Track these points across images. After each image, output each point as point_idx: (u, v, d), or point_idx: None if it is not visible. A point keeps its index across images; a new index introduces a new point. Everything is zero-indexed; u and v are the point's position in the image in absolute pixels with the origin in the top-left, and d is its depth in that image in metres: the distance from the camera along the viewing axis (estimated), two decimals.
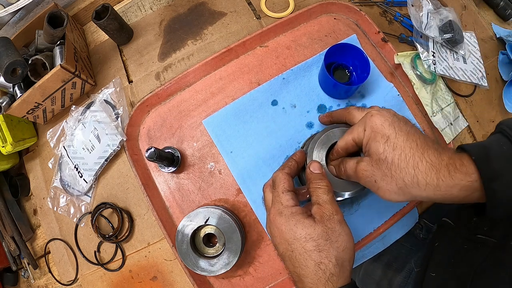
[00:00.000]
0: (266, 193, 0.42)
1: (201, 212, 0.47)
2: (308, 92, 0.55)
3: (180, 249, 0.47)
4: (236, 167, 0.53)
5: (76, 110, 0.60)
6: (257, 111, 0.55)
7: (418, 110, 0.55)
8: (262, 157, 0.53)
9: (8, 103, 0.55)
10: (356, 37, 0.57)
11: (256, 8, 0.62)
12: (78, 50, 0.59)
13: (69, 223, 0.59)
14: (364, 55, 0.49)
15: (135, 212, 0.56)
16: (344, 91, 0.52)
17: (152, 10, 0.65)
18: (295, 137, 0.53)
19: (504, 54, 0.63)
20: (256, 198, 0.52)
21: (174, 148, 0.54)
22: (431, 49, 0.57)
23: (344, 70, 0.54)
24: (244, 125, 0.54)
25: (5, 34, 0.64)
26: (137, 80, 0.61)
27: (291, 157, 0.43)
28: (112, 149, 0.56)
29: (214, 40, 0.61)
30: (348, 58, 0.52)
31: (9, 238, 0.60)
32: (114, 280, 0.56)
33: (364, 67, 0.50)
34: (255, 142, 0.53)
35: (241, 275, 0.50)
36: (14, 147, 0.58)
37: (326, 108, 0.54)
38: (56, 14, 0.53)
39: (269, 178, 0.51)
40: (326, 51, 0.49)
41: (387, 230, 0.50)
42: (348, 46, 0.50)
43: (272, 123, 0.54)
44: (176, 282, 0.53)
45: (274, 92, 0.55)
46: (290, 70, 0.56)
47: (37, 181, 0.63)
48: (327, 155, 0.43)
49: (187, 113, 0.56)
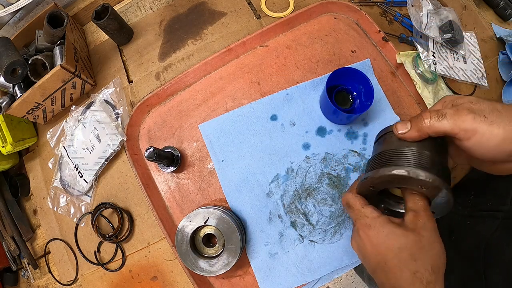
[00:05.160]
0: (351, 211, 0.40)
1: (200, 213, 0.47)
2: (310, 112, 0.54)
3: (180, 249, 0.47)
4: (225, 177, 0.52)
5: (76, 110, 0.60)
6: (255, 123, 0.54)
7: (419, 110, 0.55)
8: (252, 172, 0.52)
9: (8, 103, 0.55)
10: (369, 62, 0.55)
11: (256, 8, 0.62)
12: (78, 50, 0.59)
13: (69, 223, 0.59)
14: (369, 82, 0.47)
15: (135, 212, 0.56)
16: (345, 118, 0.50)
17: (152, 10, 0.65)
18: (289, 155, 0.52)
19: (504, 54, 0.63)
20: (241, 209, 0.51)
21: (174, 148, 0.54)
22: (431, 49, 0.57)
23: (348, 95, 0.52)
24: (239, 136, 0.53)
25: (5, 34, 0.64)
26: (137, 80, 0.61)
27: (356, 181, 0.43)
28: (112, 149, 0.56)
29: (214, 40, 0.61)
30: (353, 83, 0.50)
31: (9, 238, 0.60)
32: (114, 280, 0.56)
33: (368, 95, 0.48)
34: (248, 155, 0.53)
35: (241, 275, 0.50)
36: (14, 147, 0.58)
37: (326, 131, 0.53)
38: (56, 14, 0.53)
39: (255, 193, 0.52)
40: (330, 74, 0.47)
41: None
42: (354, 71, 0.48)
43: (267, 138, 0.53)
44: (176, 282, 0.53)
45: (275, 106, 0.54)
46: (295, 86, 0.54)
47: (37, 181, 0.63)
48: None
49: (187, 113, 0.56)
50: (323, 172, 0.51)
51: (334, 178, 0.51)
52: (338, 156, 0.52)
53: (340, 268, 0.49)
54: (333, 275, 0.49)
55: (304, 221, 0.50)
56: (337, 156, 0.52)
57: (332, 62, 0.56)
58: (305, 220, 0.50)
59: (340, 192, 0.51)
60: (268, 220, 0.51)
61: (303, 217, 0.50)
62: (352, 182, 0.51)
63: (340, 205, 0.50)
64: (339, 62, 0.56)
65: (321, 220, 0.50)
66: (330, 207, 0.50)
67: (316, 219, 0.50)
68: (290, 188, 0.51)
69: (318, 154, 0.52)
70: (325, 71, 0.56)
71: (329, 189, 0.51)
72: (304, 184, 0.51)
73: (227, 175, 0.52)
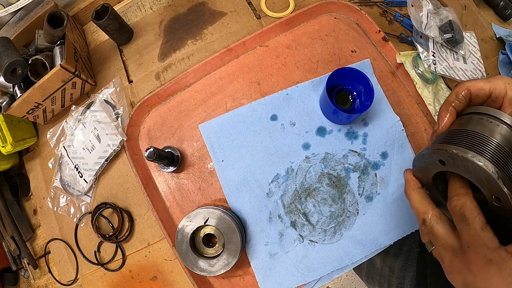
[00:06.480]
0: (435, 227, 0.31)
1: (200, 213, 0.47)
2: (310, 112, 0.53)
3: (180, 249, 0.47)
4: (225, 177, 0.52)
5: (76, 110, 0.60)
6: (255, 123, 0.54)
7: (419, 110, 0.55)
8: (252, 171, 0.52)
9: (8, 103, 0.55)
10: (369, 62, 0.55)
11: (256, 8, 0.62)
12: (78, 50, 0.59)
13: (69, 223, 0.59)
14: (369, 82, 0.47)
15: (135, 212, 0.56)
16: (345, 118, 0.49)
17: (152, 10, 0.66)
18: (289, 156, 0.52)
19: (504, 54, 0.63)
20: (241, 209, 0.51)
21: (174, 148, 0.54)
22: (431, 49, 0.57)
23: (348, 95, 0.52)
24: (239, 136, 0.53)
25: (5, 34, 0.64)
26: (137, 80, 0.61)
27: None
28: (112, 149, 0.56)
29: (214, 40, 0.61)
30: (353, 83, 0.50)
31: (9, 238, 0.60)
32: (114, 280, 0.56)
33: (368, 95, 0.47)
34: (247, 155, 0.53)
35: (241, 275, 0.50)
36: (14, 147, 0.58)
37: (326, 131, 0.53)
38: (56, 14, 0.53)
39: (255, 193, 0.51)
40: (330, 74, 0.47)
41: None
42: (354, 71, 0.48)
43: (267, 138, 0.53)
44: (176, 282, 0.53)
45: (275, 106, 0.54)
46: (295, 86, 0.54)
47: (37, 181, 0.63)
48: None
49: (187, 113, 0.56)
50: (323, 172, 0.51)
51: (334, 178, 0.51)
52: (338, 156, 0.52)
53: (340, 268, 0.49)
54: (333, 275, 0.49)
55: (304, 221, 0.50)
56: (337, 156, 0.52)
57: (332, 62, 0.56)
58: (305, 220, 0.50)
59: (340, 192, 0.51)
60: (268, 220, 0.51)
61: (303, 217, 0.50)
62: (352, 182, 0.51)
63: (340, 205, 0.50)
64: (339, 62, 0.56)
65: (321, 220, 0.50)
66: (330, 207, 0.50)
67: (316, 219, 0.50)
68: (290, 188, 0.51)
69: (318, 154, 0.52)
70: (325, 71, 0.56)
71: (329, 189, 0.51)
72: (304, 184, 0.51)
73: (227, 175, 0.52)
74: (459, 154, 0.27)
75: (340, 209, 0.50)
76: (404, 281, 0.52)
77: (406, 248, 0.53)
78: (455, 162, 0.28)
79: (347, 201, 0.50)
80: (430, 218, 0.32)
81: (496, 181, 0.25)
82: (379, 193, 0.50)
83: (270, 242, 0.50)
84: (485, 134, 0.28)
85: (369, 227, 0.49)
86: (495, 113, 0.29)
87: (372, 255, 0.49)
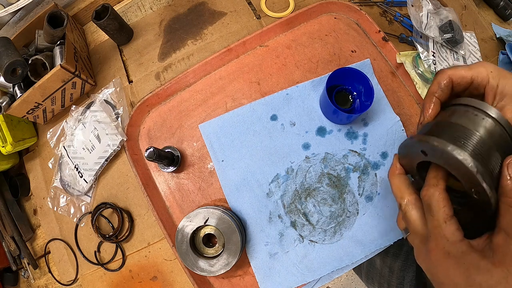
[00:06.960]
0: (408, 213, 0.31)
1: (200, 213, 0.47)
2: (310, 112, 0.53)
3: (180, 249, 0.47)
4: (225, 177, 0.52)
5: (76, 110, 0.60)
6: (255, 123, 0.54)
7: (419, 110, 0.55)
8: (252, 171, 0.52)
9: (8, 103, 0.55)
10: (369, 62, 0.55)
11: (256, 8, 0.62)
12: (78, 50, 0.59)
13: (69, 223, 0.59)
14: (369, 82, 0.47)
15: (135, 212, 0.56)
16: (345, 118, 0.49)
17: (152, 10, 0.66)
18: (289, 156, 0.52)
19: (504, 54, 0.63)
20: (241, 209, 0.51)
21: (174, 147, 0.54)
22: (431, 49, 0.57)
23: (348, 95, 0.52)
24: (239, 136, 0.53)
25: (5, 34, 0.64)
26: (137, 80, 0.61)
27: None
28: (112, 149, 0.56)
29: (214, 40, 0.61)
30: (353, 83, 0.50)
31: (9, 238, 0.60)
32: (114, 280, 0.56)
33: (368, 95, 0.47)
34: (247, 155, 0.53)
35: (241, 275, 0.50)
36: (14, 147, 0.58)
37: (326, 131, 0.53)
38: (56, 14, 0.53)
39: (255, 193, 0.51)
40: (330, 74, 0.47)
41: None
42: (354, 71, 0.48)
43: (267, 138, 0.53)
44: (176, 282, 0.53)
45: (275, 106, 0.54)
46: (295, 86, 0.54)
47: (37, 181, 0.63)
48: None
49: (187, 113, 0.56)
50: (323, 172, 0.51)
51: (334, 178, 0.51)
52: (338, 156, 0.52)
53: (340, 268, 0.49)
54: (333, 275, 0.49)
55: (304, 221, 0.50)
56: (337, 156, 0.52)
57: (332, 62, 0.56)
58: (305, 220, 0.50)
59: (340, 192, 0.51)
60: (268, 220, 0.51)
61: (303, 217, 0.50)
62: (352, 182, 0.51)
63: (340, 205, 0.50)
64: (339, 62, 0.56)
65: (321, 220, 0.50)
66: (330, 207, 0.50)
67: (316, 219, 0.50)
68: (290, 188, 0.51)
69: (318, 154, 0.52)
70: (325, 71, 0.56)
71: (329, 189, 0.51)
72: (304, 184, 0.51)
73: (227, 175, 0.52)
74: (439, 147, 0.27)
75: (340, 209, 0.50)
76: (404, 281, 0.52)
77: (406, 248, 0.53)
78: (436, 154, 0.28)
79: (347, 201, 0.50)
80: (406, 203, 0.32)
81: (475, 175, 0.25)
82: (379, 193, 0.50)
83: (270, 242, 0.50)
84: (468, 127, 0.28)
85: (369, 227, 0.49)
86: (481, 106, 0.29)
87: (372, 255, 0.49)
